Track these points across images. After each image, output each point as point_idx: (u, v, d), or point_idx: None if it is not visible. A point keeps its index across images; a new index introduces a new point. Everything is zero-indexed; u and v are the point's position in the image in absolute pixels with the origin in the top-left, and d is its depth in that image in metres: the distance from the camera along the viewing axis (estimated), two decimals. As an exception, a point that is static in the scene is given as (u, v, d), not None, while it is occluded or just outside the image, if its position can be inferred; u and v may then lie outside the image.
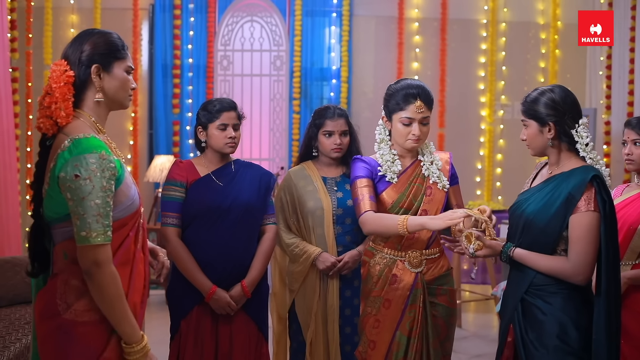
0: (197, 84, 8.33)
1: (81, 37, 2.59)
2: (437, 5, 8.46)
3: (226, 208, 3.54)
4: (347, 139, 3.91)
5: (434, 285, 3.30)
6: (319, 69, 8.45)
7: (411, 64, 8.54)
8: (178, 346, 3.55)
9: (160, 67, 8.27)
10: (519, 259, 2.90)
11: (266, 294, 3.72)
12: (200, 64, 8.31)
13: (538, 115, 2.94)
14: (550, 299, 2.87)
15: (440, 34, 8.49)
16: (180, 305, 3.58)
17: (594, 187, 2.82)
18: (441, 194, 3.29)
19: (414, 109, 3.25)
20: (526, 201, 2.99)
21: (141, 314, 2.61)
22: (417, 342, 3.25)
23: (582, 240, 2.80)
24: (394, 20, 8.49)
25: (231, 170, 3.66)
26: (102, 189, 2.36)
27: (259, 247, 3.65)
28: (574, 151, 2.96)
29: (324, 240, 3.87)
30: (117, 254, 2.48)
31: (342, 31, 8.37)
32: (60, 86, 2.48)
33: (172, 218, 3.55)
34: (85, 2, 8.17)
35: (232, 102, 3.66)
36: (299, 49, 8.30)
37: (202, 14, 8.28)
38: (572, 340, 2.82)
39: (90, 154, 2.38)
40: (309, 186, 3.93)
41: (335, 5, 8.38)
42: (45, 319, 2.49)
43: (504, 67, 8.56)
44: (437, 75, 8.47)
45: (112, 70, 2.57)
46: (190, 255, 3.52)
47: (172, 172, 3.61)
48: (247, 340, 3.58)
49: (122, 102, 2.66)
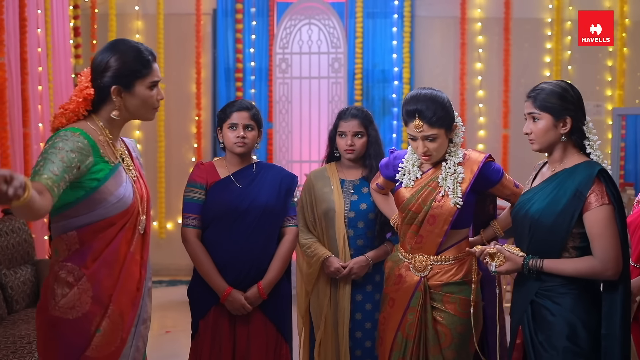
0: (260, 87, 8.40)
1: (109, 49, 2.67)
2: (501, 4, 8.33)
3: (244, 210, 3.55)
4: (361, 140, 3.85)
5: (440, 292, 3.21)
6: (380, 71, 8.41)
7: (474, 65, 8.44)
8: (197, 345, 3.60)
9: (223, 70, 8.38)
10: (549, 270, 2.81)
11: (286, 296, 3.72)
12: (262, 67, 8.38)
13: (555, 109, 2.86)
14: (559, 299, 2.80)
15: (504, 33, 8.36)
16: (199, 305, 3.63)
17: (602, 182, 2.75)
18: (452, 206, 3.16)
19: (413, 128, 3.14)
20: (529, 201, 2.93)
21: (132, 316, 2.66)
22: (414, 345, 3.20)
23: (603, 235, 2.74)
24: (456, 20, 8.40)
25: (252, 172, 3.67)
26: (56, 149, 2.41)
27: (278, 249, 3.65)
28: (578, 147, 2.90)
29: (335, 242, 3.85)
30: (104, 253, 2.57)
31: (403, 32, 8.32)
32: (78, 101, 2.59)
33: (191, 219, 3.59)
34: (149, 8, 8.32)
35: (246, 104, 3.68)
36: (360, 51, 8.29)
37: (264, 18, 8.36)
38: (582, 341, 2.76)
39: (65, 131, 2.49)
40: (325, 187, 3.91)
41: (397, 6, 8.33)
42: (39, 313, 2.61)
43: (570, 66, 8.37)
44: (500, 76, 8.35)
45: (133, 90, 2.65)
46: (207, 256, 3.55)
47: (193, 174, 3.65)
48: (264, 341, 3.59)
49: (144, 117, 2.76)
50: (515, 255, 2.87)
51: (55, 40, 6.60)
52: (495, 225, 3.42)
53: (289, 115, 7.94)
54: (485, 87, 8.45)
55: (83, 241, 2.55)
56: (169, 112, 8.32)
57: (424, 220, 3.20)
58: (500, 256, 2.90)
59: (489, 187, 3.30)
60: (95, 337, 2.54)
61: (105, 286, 2.57)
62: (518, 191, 3.31)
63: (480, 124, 8.45)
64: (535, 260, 2.83)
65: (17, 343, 4.14)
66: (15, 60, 5.74)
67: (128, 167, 2.71)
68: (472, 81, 8.46)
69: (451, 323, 3.20)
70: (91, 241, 2.56)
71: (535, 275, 2.85)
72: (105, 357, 2.57)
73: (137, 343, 2.71)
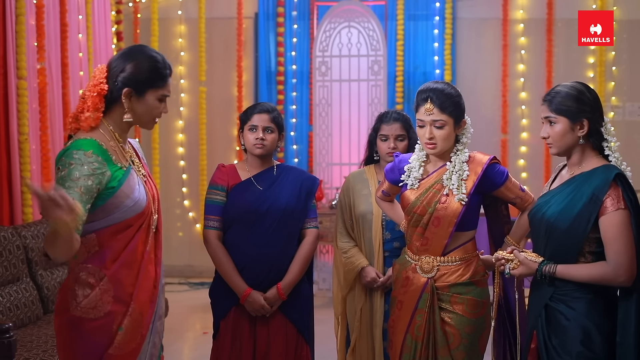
0: (301, 90, 8.44)
1: (130, 54, 2.73)
2: (543, 5, 8.23)
3: (263, 212, 3.59)
4: (403, 143, 3.87)
5: (448, 293, 3.20)
6: (421, 73, 8.38)
7: (516, 66, 8.36)
8: (217, 345, 3.65)
9: (265, 73, 8.43)
10: (562, 276, 2.79)
11: (307, 297, 3.74)
12: (304, 71, 8.42)
13: (571, 112, 2.84)
14: (573, 304, 2.78)
15: (547, 34, 8.25)
16: (220, 306, 3.68)
17: (619, 186, 2.72)
18: (456, 205, 3.15)
19: (423, 111, 3.17)
20: (546, 204, 2.90)
21: (150, 313, 2.74)
22: (422, 347, 3.19)
23: (617, 240, 2.70)
24: (498, 22, 8.33)
25: (272, 174, 3.71)
26: (73, 180, 2.47)
27: (298, 250, 3.68)
28: (597, 150, 2.87)
29: (371, 244, 3.87)
30: (123, 254, 2.63)
31: (445, 34, 8.28)
32: (93, 96, 2.64)
33: (213, 221, 3.64)
34: (191, 13, 8.42)
35: (267, 106, 3.71)
36: (402, 54, 8.28)
37: (305, 21, 8.41)
38: (596, 347, 2.72)
39: (77, 150, 2.53)
40: (364, 190, 3.94)
41: (438, 8, 8.29)
42: (58, 314, 2.68)
43: (614, 67, 8.22)
44: (543, 77, 8.23)
45: (144, 96, 2.71)
46: (228, 257, 3.61)
47: (214, 177, 3.70)
48: (284, 342, 3.62)
49: (145, 125, 2.82)
50: (530, 260, 2.86)
51: (96, 45, 6.74)
52: (509, 240, 3.34)
53: (328, 118, 7.96)
54: (528, 89, 8.36)
55: (102, 243, 2.61)
56: (210, 116, 8.42)
57: (429, 222, 3.20)
58: (515, 259, 2.91)
59: (493, 190, 3.28)
60: (117, 335, 2.61)
61: (126, 285, 2.64)
62: (524, 195, 3.30)
63: (522, 126, 8.36)
64: (549, 265, 2.81)
65: (49, 342, 4.24)
66: (56, 65, 5.87)
67: (138, 168, 2.77)
68: (515, 83, 8.38)
69: (459, 324, 3.19)
70: (110, 243, 2.62)
71: (548, 281, 2.82)
72: (127, 354, 2.64)
73: (154, 339, 2.80)
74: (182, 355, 5.92)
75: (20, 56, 5.29)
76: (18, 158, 5.29)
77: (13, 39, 5.25)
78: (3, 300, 4.50)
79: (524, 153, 8.29)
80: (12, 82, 5.23)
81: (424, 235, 3.23)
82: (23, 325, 4.57)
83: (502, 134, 8.29)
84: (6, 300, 4.52)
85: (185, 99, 8.49)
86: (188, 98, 8.50)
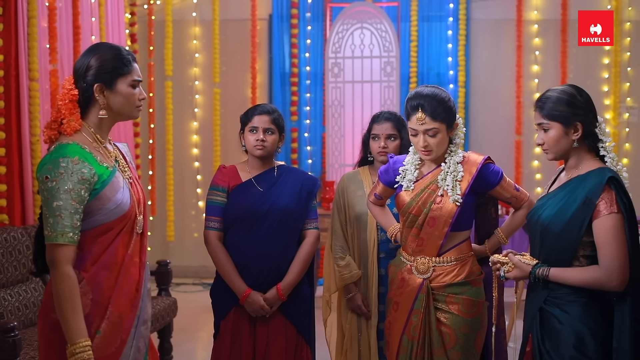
0: (315, 92, 8.47)
1: (90, 50, 2.75)
2: (558, 6, 8.20)
3: (264, 212, 3.61)
4: (394, 143, 3.88)
5: (444, 293, 3.20)
6: (435, 74, 8.38)
7: (531, 67, 8.34)
8: (218, 345, 3.68)
9: (279, 75, 8.47)
10: (555, 279, 2.78)
11: (307, 298, 3.75)
12: (318, 72, 8.45)
13: (564, 116, 2.82)
14: (568, 307, 2.76)
15: (561, 35, 8.22)
16: (220, 306, 3.71)
17: (612, 189, 2.69)
18: (451, 206, 3.16)
19: (415, 121, 3.16)
20: (542, 207, 2.90)
21: (131, 317, 2.71)
22: (419, 347, 3.20)
23: (609, 244, 2.67)
24: (512, 22, 8.31)
25: (273, 175, 3.72)
26: (66, 192, 2.50)
27: (299, 251, 3.69)
28: (593, 151, 2.86)
29: (366, 245, 3.87)
30: (102, 257, 2.63)
31: (459, 35, 8.29)
32: (65, 103, 2.65)
33: (213, 222, 3.67)
34: (205, 14, 8.47)
35: (268, 108, 3.73)
36: (415, 55, 8.29)
37: (319, 22, 8.43)
38: (590, 351, 2.70)
39: (63, 157, 2.54)
40: (358, 191, 3.95)
41: (452, 9, 8.29)
42: (41, 317, 2.69)
43: (629, 68, 8.17)
44: (558, 78, 8.19)
45: (115, 87, 2.69)
46: (228, 258, 3.64)
47: (215, 178, 3.73)
48: (284, 342, 3.63)
49: (129, 115, 2.81)
50: (524, 263, 2.86)
51: (110, 48, 6.76)
52: (499, 233, 3.40)
53: (341, 119, 7.95)
54: (542, 90, 8.14)
55: (82, 246, 2.60)
56: (225, 117, 8.48)
57: (424, 223, 3.21)
58: (510, 262, 2.90)
59: (488, 189, 3.29)
60: (95, 339, 2.59)
61: (104, 288, 2.63)
62: (519, 194, 3.31)
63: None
64: (542, 268, 2.80)
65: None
66: (69, 67, 5.90)
67: (123, 169, 2.77)
68: (529, 84, 8.36)
69: (455, 324, 3.19)
70: (90, 246, 2.62)
71: (542, 284, 2.82)
72: (105, 357, 2.61)
73: (137, 344, 2.75)
74: (193, 355, 5.95)
75: (32, 58, 5.35)
76: (30, 159, 5.34)
77: (25, 41, 5.31)
78: (12, 300, 4.56)
79: (538, 154, 8.24)
80: (24, 84, 5.28)
81: (419, 236, 3.24)
82: (32, 325, 4.62)
83: (517, 135, 8.24)
84: (15, 299, 4.58)
85: (199, 101, 8.53)
86: (202, 99, 8.54)
